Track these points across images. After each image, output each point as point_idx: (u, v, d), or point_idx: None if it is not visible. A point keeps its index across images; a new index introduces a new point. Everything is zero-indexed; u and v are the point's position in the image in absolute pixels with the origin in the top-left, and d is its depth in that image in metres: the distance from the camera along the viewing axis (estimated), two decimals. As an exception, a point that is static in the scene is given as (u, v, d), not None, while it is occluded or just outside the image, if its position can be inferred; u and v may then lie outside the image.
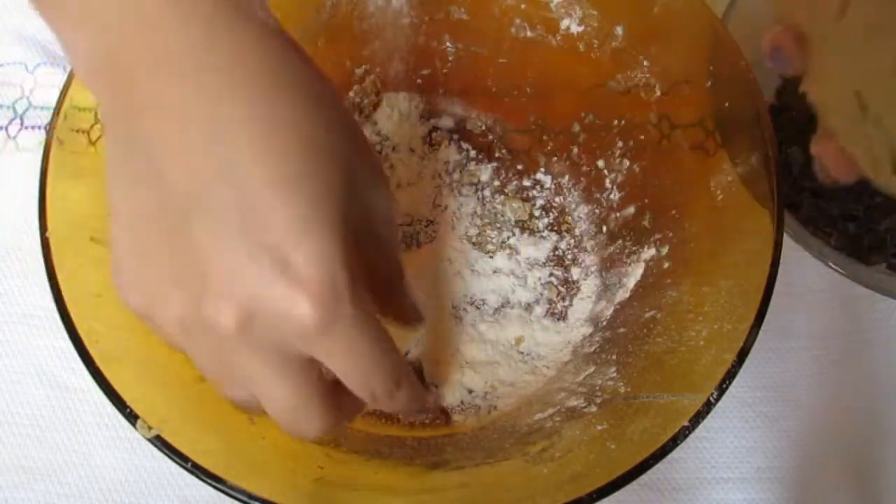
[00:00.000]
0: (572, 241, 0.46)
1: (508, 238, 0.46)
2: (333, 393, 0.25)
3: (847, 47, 0.25)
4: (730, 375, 0.30)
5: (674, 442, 0.29)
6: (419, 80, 0.48)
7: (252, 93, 0.20)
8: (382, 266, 0.27)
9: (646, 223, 0.42)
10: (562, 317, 0.44)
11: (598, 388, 0.36)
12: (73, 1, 0.20)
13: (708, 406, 0.29)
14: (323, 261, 0.20)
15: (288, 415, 0.24)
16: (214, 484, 0.28)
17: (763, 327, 0.31)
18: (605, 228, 0.45)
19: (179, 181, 0.20)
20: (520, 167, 0.48)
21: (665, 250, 0.40)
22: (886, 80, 0.24)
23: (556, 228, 0.46)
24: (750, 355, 0.30)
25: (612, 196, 0.45)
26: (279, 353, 0.22)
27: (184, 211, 0.20)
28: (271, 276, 0.20)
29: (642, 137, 0.42)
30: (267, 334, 0.21)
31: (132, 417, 0.29)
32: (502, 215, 0.46)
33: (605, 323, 0.42)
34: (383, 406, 0.26)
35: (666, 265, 0.39)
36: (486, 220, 0.46)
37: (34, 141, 0.46)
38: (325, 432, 0.25)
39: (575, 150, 0.46)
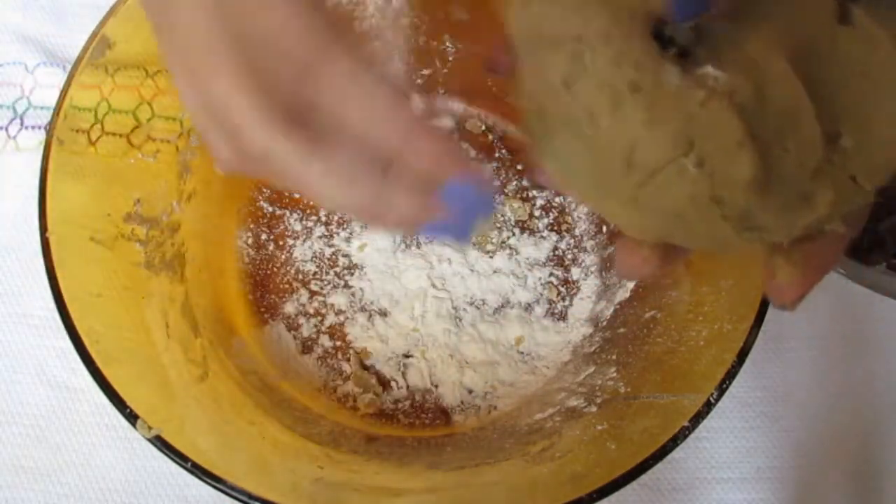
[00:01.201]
0: (572, 241, 0.46)
1: (508, 238, 0.46)
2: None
3: (527, 56, 0.21)
4: (730, 375, 0.30)
5: (674, 442, 0.29)
6: (419, 80, 0.48)
7: None
8: None
9: (646, 223, 0.42)
10: (562, 317, 0.44)
11: (598, 388, 0.36)
12: None
13: (708, 406, 0.29)
14: None
15: None
16: (214, 484, 0.28)
17: (763, 327, 0.31)
18: (605, 228, 0.45)
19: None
20: (520, 167, 0.48)
21: (665, 250, 0.40)
22: (559, 97, 0.20)
23: (556, 228, 0.46)
24: (750, 355, 0.30)
25: (612, 196, 0.45)
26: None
27: None
28: None
29: (642, 137, 0.42)
30: None
31: (132, 417, 0.29)
32: (502, 215, 0.46)
33: (605, 323, 0.42)
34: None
35: (666, 265, 0.39)
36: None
37: (34, 141, 0.46)
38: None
39: (575, 150, 0.46)
